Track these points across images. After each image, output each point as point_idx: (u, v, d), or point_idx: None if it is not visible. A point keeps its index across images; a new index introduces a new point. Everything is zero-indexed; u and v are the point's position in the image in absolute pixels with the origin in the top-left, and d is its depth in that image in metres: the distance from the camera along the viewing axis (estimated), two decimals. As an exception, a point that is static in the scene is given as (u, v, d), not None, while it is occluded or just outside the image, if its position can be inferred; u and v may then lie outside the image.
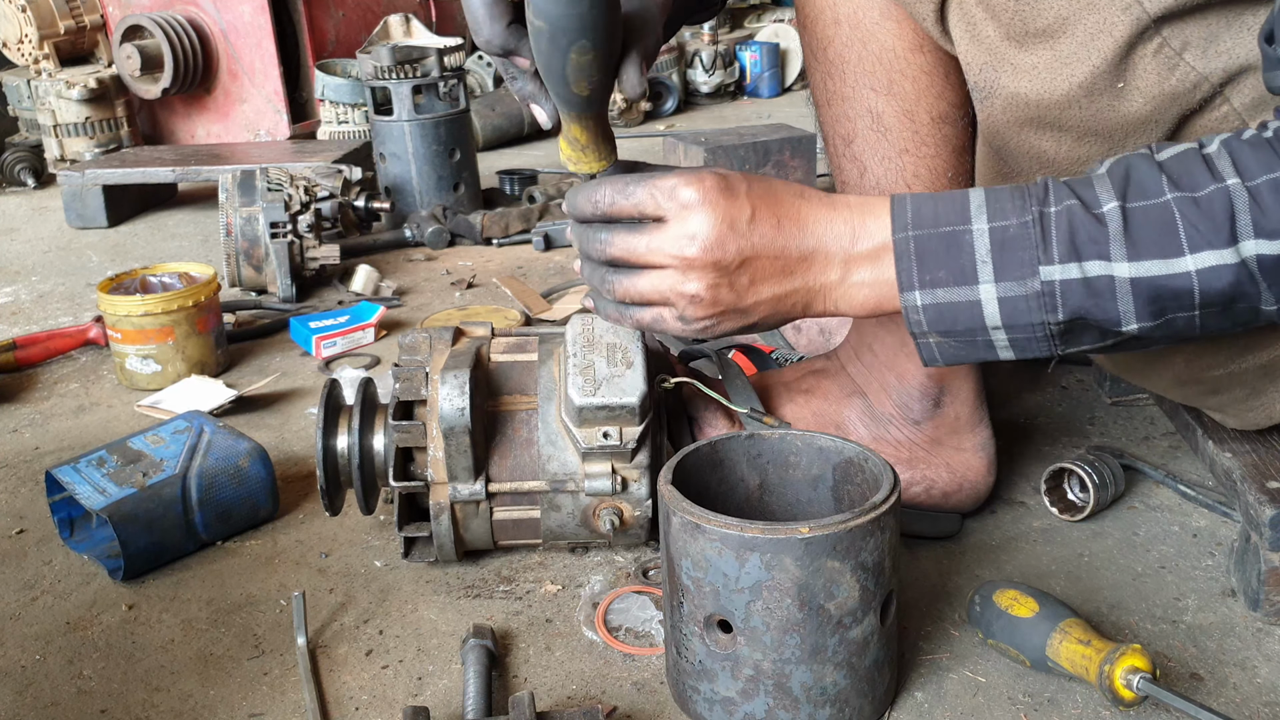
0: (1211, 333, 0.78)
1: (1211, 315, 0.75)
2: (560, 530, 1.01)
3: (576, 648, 0.93)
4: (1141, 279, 0.74)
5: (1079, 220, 0.75)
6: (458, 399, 0.95)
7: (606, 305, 0.89)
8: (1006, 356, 0.81)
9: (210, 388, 1.46)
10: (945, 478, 1.06)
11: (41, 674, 0.93)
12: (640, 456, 0.98)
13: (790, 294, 0.83)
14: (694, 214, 0.81)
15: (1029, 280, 0.76)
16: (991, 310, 0.77)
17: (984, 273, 0.77)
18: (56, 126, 2.82)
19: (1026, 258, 0.76)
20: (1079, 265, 0.75)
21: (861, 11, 0.95)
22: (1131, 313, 0.75)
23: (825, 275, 0.82)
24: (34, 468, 1.31)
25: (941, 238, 0.78)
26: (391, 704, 0.88)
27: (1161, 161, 0.76)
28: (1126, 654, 0.79)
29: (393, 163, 2.28)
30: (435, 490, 0.99)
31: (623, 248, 0.84)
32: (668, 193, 0.81)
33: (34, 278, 2.12)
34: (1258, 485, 0.93)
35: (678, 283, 0.82)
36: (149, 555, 1.06)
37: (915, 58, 0.95)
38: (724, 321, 0.85)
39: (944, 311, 0.78)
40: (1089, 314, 0.76)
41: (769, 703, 0.79)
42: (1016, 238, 0.76)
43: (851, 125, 0.99)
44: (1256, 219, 0.71)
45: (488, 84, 3.37)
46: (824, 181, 2.34)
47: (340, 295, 1.88)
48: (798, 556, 0.76)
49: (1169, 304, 0.75)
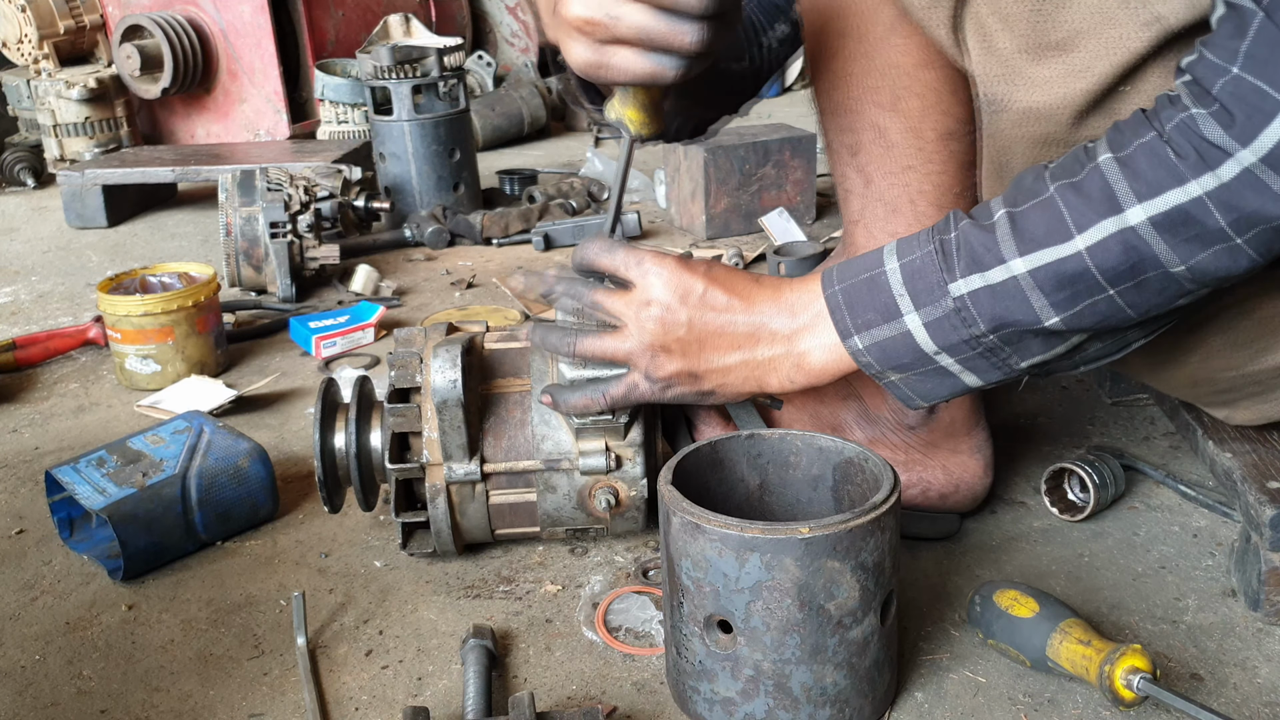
0: (1151, 313, 0.78)
1: (1130, 293, 0.75)
2: (557, 514, 1.02)
3: (576, 648, 0.93)
4: (1039, 268, 0.76)
5: (973, 236, 0.79)
6: (449, 371, 0.96)
7: (575, 395, 0.95)
8: (975, 383, 0.84)
9: (210, 388, 1.46)
10: (942, 480, 1.06)
11: (41, 674, 0.93)
12: (633, 433, 0.99)
13: (739, 366, 0.89)
14: (654, 282, 0.89)
15: (942, 301, 0.80)
16: (923, 337, 0.81)
17: (904, 304, 0.82)
18: (56, 126, 2.82)
19: (935, 280, 0.80)
20: (981, 275, 0.78)
21: (868, 26, 0.95)
22: (1046, 306, 0.77)
23: (771, 349, 0.88)
24: (34, 468, 1.30)
25: (863, 284, 0.84)
26: (391, 704, 0.88)
27: (1049, 166, 0.79)
28: (1127, 654, 0.79)
29: (392, 163, 2.28)
30: (431, 472, 0.99)
31: (595, 299, 0.93)
32: (637, 262, 0.90)
33: (34, 278, 2.12)
34: (1258, 485, 0.93)
35: (637, 344, 0.90)
36: (149, 555, 1.06)
37: (922, 74, 0.94)
38: (679, 384, 0.91)
39: (886, 349, 0.83)
40: (1008, 318, 0.78)
41: (769, 703, 0.79)
42: (923, 266, 0.81)
43: (856, 137, 0.98)
44: (1133, 185, 0.73)
45: (488, 84, 3.37)
46: (824, 182, 2.34)
47: (340, 295, 1.88)
48: (798, 556, 0.76)
49: (1077, 288, 0.76)
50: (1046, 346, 0.81)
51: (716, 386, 0.91)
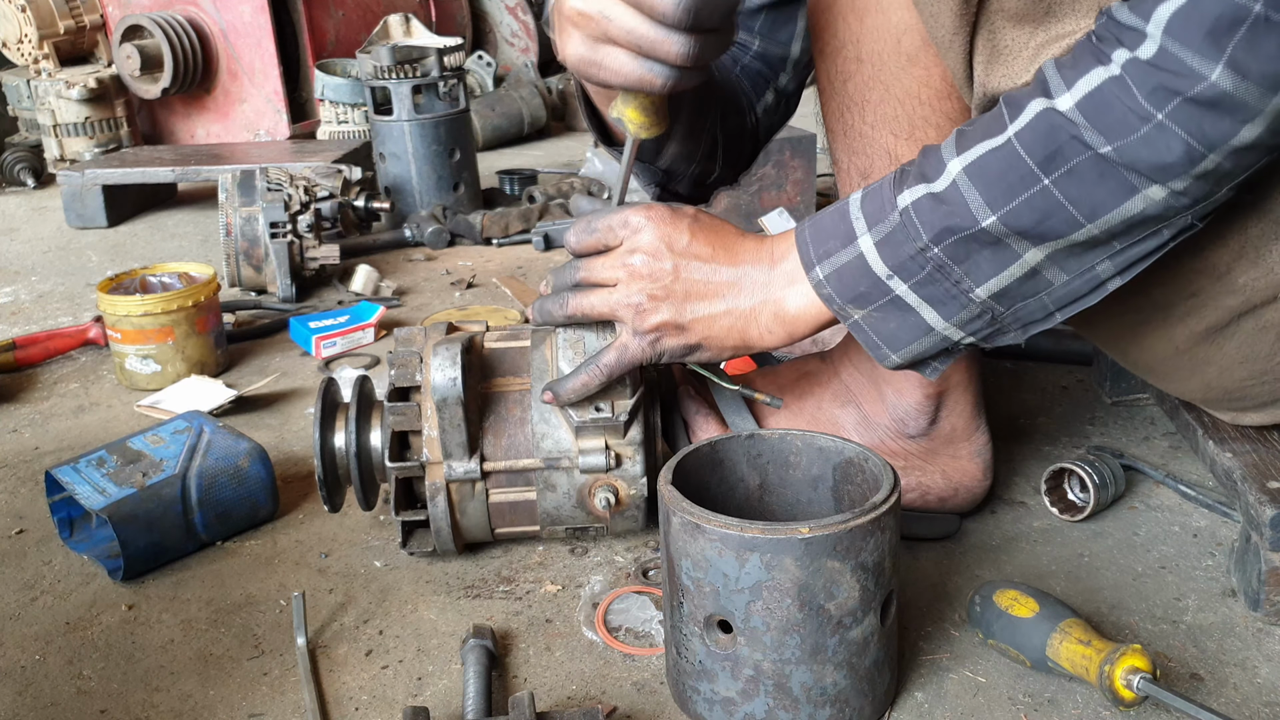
0: (1104, 220, 0.75)
1: (1066, 183, 0.74)
2: (557, 513, 1.02)
3: (576, 648, 0.93)
4: (973, 163, 0.77)
5: (926, 154, 0.81)
6: (449, 369, 0.96)
7: (572, 379, 0.96)
8: (937, 322, 0.82)
9: (210, 388, 1.46)
10: (941, 484, 1.06)
11: (41, 674, 0.93)
12: (633, 432, 0.99)
13: (723, 315, 0.90)
14: (639, 234, 0.91)
15: (890, 215, 0.81)
16: (874, 258, 0.82)
17: (859, 226, 0.83)
18: (56, 126, 2.82)
19: (886, 196, 0.82)
20: (926, 185, 0.80)
21: (887, 55, 0.93)
22: (981, 204, 0.77)
23: (752, 298, 0.89)
24: (34, 468, 1.31)
25: (829, 214, 0.86)
26: (391, 704, 0.88)
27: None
28: (1127, 654, 0.79)
29: (392, 163, 2.28)
30: (430, 470, 0.99)
31: (585, 271, 0.94)
32: (622, 222, 0.92)
33: (34, 278, 2.12)
34: (1258, 485, 0.93)
35: (624, 296, 0.91)
36: (149, 555, 1.06)
37: (940, 104, 0.93)
38: (665, 337, 0.91)
39: (843, 276, 0.84)
40: (947, 223, 0.78)
41: (769, 703, 0.79)
42: (878, 189, 0.83)
43: (868, 161, 0.97)
44: (1063, 75, 0.74)
45: (488, 84, 3.37)
46: (824, 182, 2.35)
47: (340, 295, 1.88)
48: (798, 556, 0.76)
49: (1009, 180, 0.76)
50: (997, 264, 0.79)
51: (703, 339, 0.91)
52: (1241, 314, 0.87)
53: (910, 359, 0.86)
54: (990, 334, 0.84)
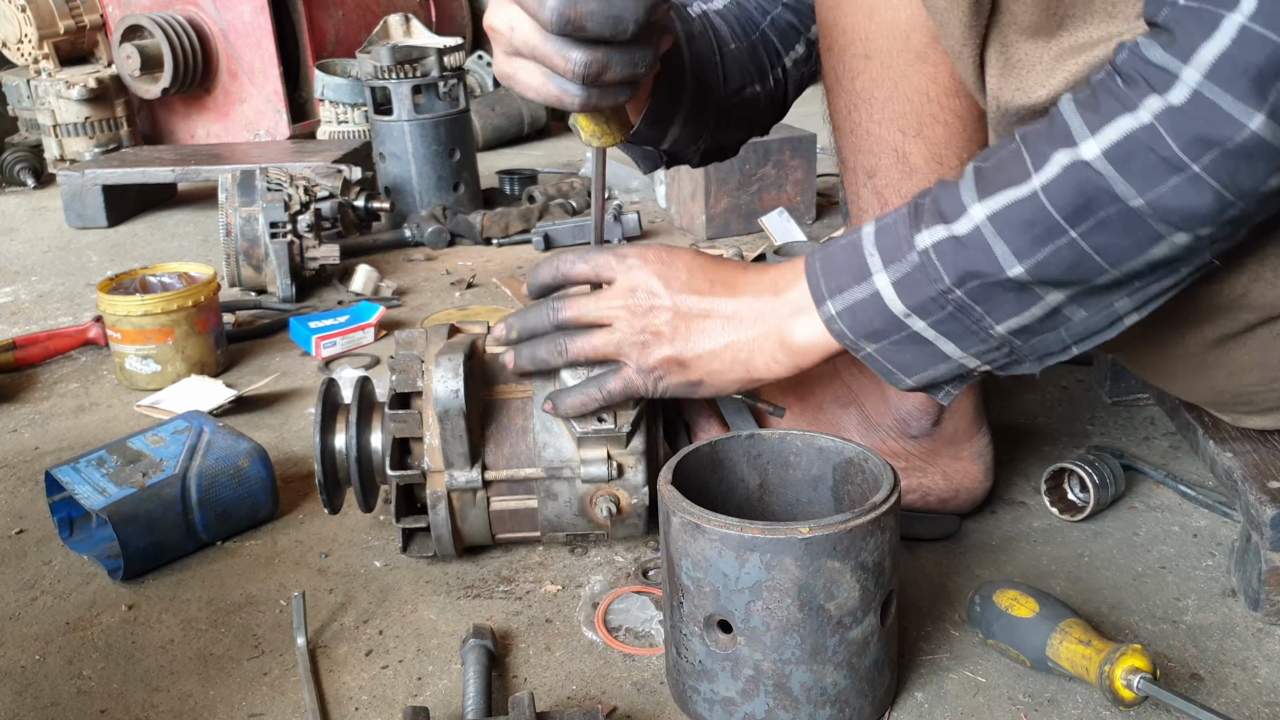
0: (1127, 268, 0.74)
1: (1093, 235, 0.73)
2: (558, 520, 1.01)
3: (576, 648, 0.93)
4: (998, 212, 0.75)
5: (943, 190, 0.79)
6: (451, 381, 0.95)
7: (574, 394, 0.95)
8: (955, 353, 0.81)
9: (210, 388, 1.46)
10: (941, 485, 1.06)
11: (41, 674, 0.93)
12: (635, 442, 0.99)
13: (724, 350, 0.88)
14: (637, 271, 0.89)
15: (908, 255, 0.79)
16: (891, 296, 0.80)
17: (874, 263, 0.80)
18: (56, 126, 2.82)
19: (902, 234, 0.79)
20: (945, 225, 0.77)
21: (896, 52, 0.92)
22: (1008, 253, 0.75)
23: (755, 329, 0.87)
24: (34, 468, 1.30)
25: (841, 248, 0.83)
26: (391, 704, 0.88)
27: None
28: (1127, 654, 0.79)
29: (392, 163, 2.28)
30: (432, 479, 0.99)
31: (575, 309, 0.92)
32: (620, 258, 0.90)
33: (34, 278, 2.12)
34: (1258, 485, 0.93)
35: (627, 334, 0.90)
36: (149, 555, 1.06)
37: (949, 102, 0.92)
38: (670, 374, 0.90)
39: (856, 312, 0.82)
40: (971, 268, 0.76)
41: (769, 703, 0.79)
42: (894, 223, 0.81)
43: (875, 159, 0.97)
44: (1087, 118, 0.72)
45: (488, 84, 3.37)
46: (824, 182, 2.35)
47: (340, 295, 1.88)
48: (798, 556, 0.76)
49: (1036, 231, 0.74)
50: (1020, 305, 0.78)
51: (705, 375, 0.90)
52: (1257, 324, 0.87)
53: (924, 384, 0.85)
54: (1007, 364, 0.83)
